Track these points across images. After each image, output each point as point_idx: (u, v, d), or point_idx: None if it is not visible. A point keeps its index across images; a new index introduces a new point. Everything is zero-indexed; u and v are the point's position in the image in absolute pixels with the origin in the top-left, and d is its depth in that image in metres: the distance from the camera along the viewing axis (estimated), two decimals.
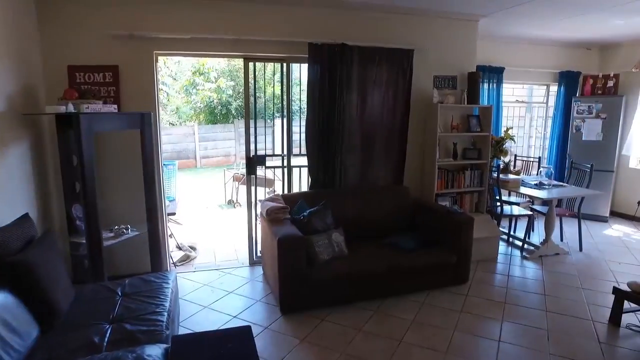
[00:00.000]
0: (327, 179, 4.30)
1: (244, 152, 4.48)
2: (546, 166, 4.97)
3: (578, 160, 6.15)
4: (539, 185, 4.78)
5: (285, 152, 4.46)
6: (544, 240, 4.74)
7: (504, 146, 5.01)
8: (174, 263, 4.54)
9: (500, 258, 4.66)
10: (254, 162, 4.41)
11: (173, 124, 15.47)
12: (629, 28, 5.25)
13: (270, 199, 4.03)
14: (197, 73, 9.43)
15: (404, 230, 4.20)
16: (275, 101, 5.16)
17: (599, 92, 6.34)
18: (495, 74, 5.90)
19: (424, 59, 4.54)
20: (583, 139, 6.34)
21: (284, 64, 4.30)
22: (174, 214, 4.48)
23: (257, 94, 4.45)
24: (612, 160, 6.23)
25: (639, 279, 4.11)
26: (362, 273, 3.51)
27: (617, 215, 6.52)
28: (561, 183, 4.97)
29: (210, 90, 11.40)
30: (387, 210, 4.23)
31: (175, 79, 11.79)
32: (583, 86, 6.49)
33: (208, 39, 3.88)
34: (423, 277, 3.74)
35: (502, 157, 5.01)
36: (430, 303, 3.59)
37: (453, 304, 3.59)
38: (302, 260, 3.31)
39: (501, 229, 5.06)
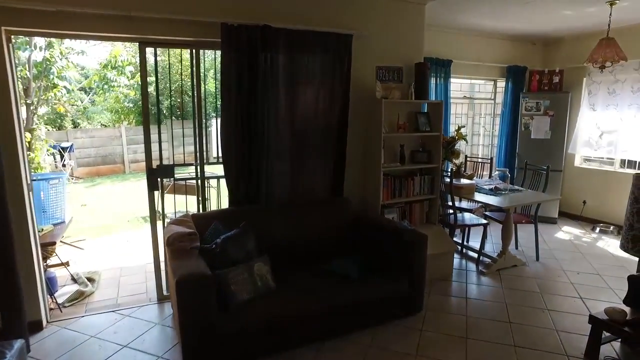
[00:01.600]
0: (250, 192, 3.50)
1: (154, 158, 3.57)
2: (502, 169, 4.49)
3: (527, 159, 5.80)
4: (495, 191, 4.29)
5: (197, 160, 3.61)
6: (500, 252, 4.25)
7: (456, 147, 4.47)
8: (59, 306, 3.54)
9: (455, 274, 4.11)
10: (159, 173, 3.52)
11: (106, 125, 13.94)
12: (576, 20, 4.91)
13: (177, 221, 3.17)
14: (109, 67, 8.22)
15: (346, 251, 3.51)
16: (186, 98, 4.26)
17: (546, 88, 6.05)
18: (443, 67, 5.39)
19: (364, 47, 3.86)
20: (532, 137, 6.01)
21: (193, 51, 3.45)
22: (53, 243, 3.48)
23: (162, 87, 3.55)
24: (561, 159, 5.95)
25: (600, 291, 3.74)
26: (293, 316, 2.75)
27: (565, 215, 6.28)
28: (518, 187, 4.52)
29: (127, 88, 10.11)
30: (324, 229, 3.51)
31: (83, 74, 10.43)
32: (530, 82, 6.18)
33: (86, 15, 2.93)
34: (370, 312, 3.05)
35: (453, 160, 4.47)
36: (379, 345, 2.91)
37: (406, 343, 2.92)
38: (210, 305, 2.49)
39: (454, 239, 4.53)
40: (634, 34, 5.19)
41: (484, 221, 4.39)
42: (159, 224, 3.59)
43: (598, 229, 5.67)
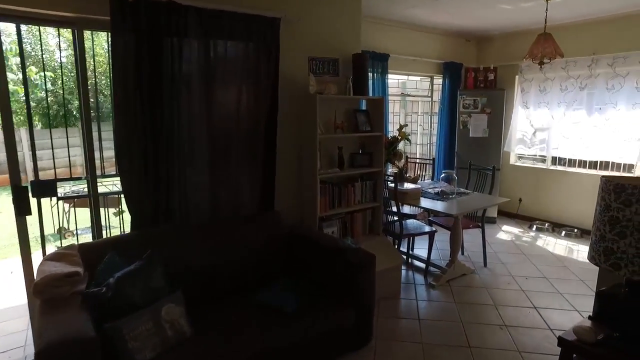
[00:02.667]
0: (159, 210, 2.81)
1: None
2: (448, 171, 4.17)
3: (465, 159, 5.63)
4: (442, 195, 3.96)
5: (87, 173, 2.84)
6: (449, 261, 3.93)
7: (398, 148, 4.08)
8: None
9: (403, 289, 3.71)
10: (37, 190, 2.71)
11: None
12: (511, 15, 4.77)
13: (56, 256, 2.40)
14: None
15: (280, 276, 2.94)
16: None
17: (481, 85, 5.92)
18: (380, 61, 5.00)
19: (295, 34, 3.32)
20: (470, 135, 5.86)
21: (75, 32, 2.68)
22: None
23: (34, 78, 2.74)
24: (499, 158, 5.85)
25: (551, 298, 3.43)
26: None
27: (503, 214, 6.22)
28: (464, 190, 4.23)
29: (15, 83, 8.57)
30: (253, 250, 2.91)
31: None
32: (466, 79, 6.03)
33: None
34: (312, 351, 2.52)
35: (396, 162, 4.09)
36: None
37: None
38: None
39: (397, 247, 4.15)
40: (557, 33, 5.17)
41: (431, 228, 4.04)
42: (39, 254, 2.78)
43: (535, 227, 5.64)
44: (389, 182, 3.82)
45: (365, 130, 3.64)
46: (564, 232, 5.38)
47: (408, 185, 3.99)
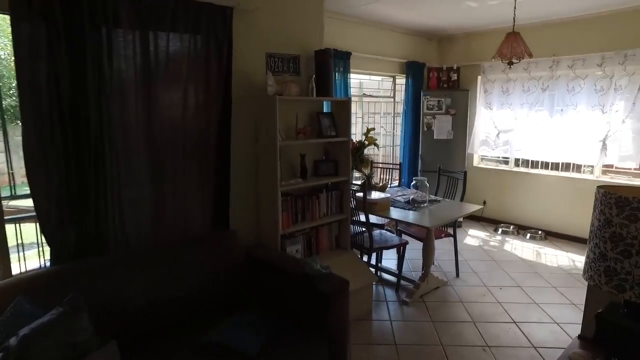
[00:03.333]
0: (85, 237, 2.31)
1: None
2: (420, 178, 3.90)
3: (430, 162, 5.46)
4: (413, 204, 3.68)
5: None
6: (422, 274, 3.66)
7: (365, 154, 3.77)
8: None
9: (374, 308, 3.40)
10: None
11: None
12: (477, 14, 4.60)
13: None
14: None
15: (239, 308, 2.52)
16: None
17: (445, 85, 5.76)
18: (342, 60, 4.68)
19: (251, 26, 2.91)
20: (434, 137, 5.67)
21: None
22: None
23: None
24: (464, 160, 5.71)
25: (529, 310, 3.19)
26: None
27: (467, 217, 6.09)
28: (435, 197, 3.98)
29: None
30: (205, 278, 2.47)
31: None
32: (429, 79, 5.84)
33: None
34: None
35: (363, 169, 3.77)
36: None
37: None
38: None
39: (364, 258, 3.84)
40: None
41: (402, 240, 3.76)
42: None
43: (500, 230, 5.54)
44: (358, 193, 3.49)
45: (330, 135, 3.28)
46: (528, 235, 5.31)
47: (377, 195, 3.68)
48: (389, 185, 4.46)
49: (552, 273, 4.18)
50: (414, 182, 3.79)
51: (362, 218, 3.49)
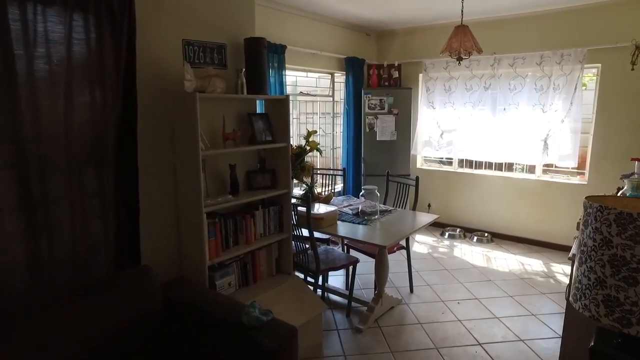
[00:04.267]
0: None
1: None
2: (369, 187, 3.47)
3: (373, 164, 5.13)
4: (362, 216, 3.25)
5: None
6: (375, 295, 3.24)
7: (306, 161, 3.28)
8: None
9: (326, 341, 2.92)
10: None
11: None
12: (422, 4, 4.30)
13: None
14: None
15: None
16: None
17: (386, 83, 5.45)
18: (276, 54, 4.15)
19: (161, 6, 2.29)
20: (377, 138, 5.33)
21: None
22: None
23: None
24: (408, 163, 5.43)
25: (491, 326, 2.93)
26: None
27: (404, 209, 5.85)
28: (385, 206, 3.58)
29: None
30: (107, 341, 1.82)
31: None
32: (369, 77, 5.50)
33: None
34: None
35: (304, 179, 3.28)
36: None
37: None
38: None
39: (311, 280, 3.35)
40: None
41: (352, 257, 3.31)
42: None
43: (447, 234, 5.33)
44: (298, 206, 2.99)
45: (265, 140, 2.75)
46: (475, 238, 5.15)
47: (322, 208, 3.20)
48: (333, 195, 4.01)
49: (505, 280, 3.98)
50: (362, 191, 3.36)
51: (307, 233, 3.00)
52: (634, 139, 4.26)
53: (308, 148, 3.14)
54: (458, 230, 5.37)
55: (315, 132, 3.29)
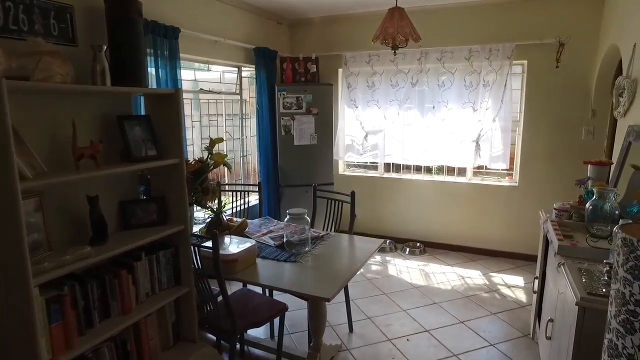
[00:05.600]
0: None
1: None
2: (297, 212, 2.66)
3: (290, 172, 4.41)
4: (289, 249, 2.46)
5: None
6: (311, 348, 2.49)
7: (209, 180, 2.40)
8: None
9: None
10: None
11: None
12: None
13: None
14: None
15: None
16: None
17: (303, 79, 4.73)
18: (166, 38, 3.19)
19: None
20: (295, 143, 4.59)
21: None
22: None
23: None
24: (331, 169, 4.78)
25: None
26: None
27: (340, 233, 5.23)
28: (316, 230, 2.81)
29: None
30: None
31: None
32: (283, 71, 4.74)
33: None
34: None
35: (209, 204, 2.40)
36: None
37: None
38: None
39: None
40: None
41: (279, 304, 2.51)
42: None
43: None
44: (200, 245, 2.11)
45: (146, 155, 1.84)
46: (407, 250, 4.68)
47: (234, 244, 2.35)
48: (244, 213, 3.18)
49: (450, 300, 3.52)
50: (289, 216, 2.56)
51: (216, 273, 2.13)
52: (561, 138, 4.10)
53: (212, 162, 2.27)
54: (388, 242, 4.86)
55: (221, 140, 2.43)
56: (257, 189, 3.42)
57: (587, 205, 2.40)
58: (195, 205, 2.37)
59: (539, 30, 3.98)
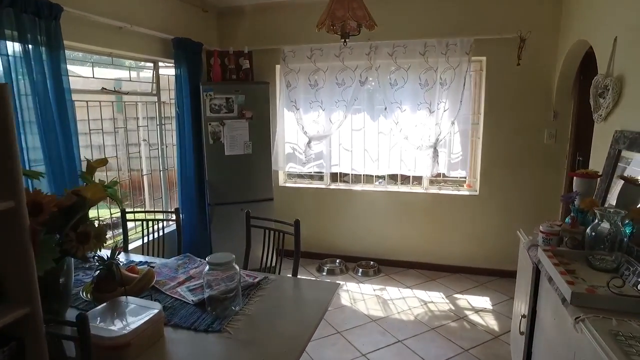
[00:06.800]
0: None
1: None
2: (219, 258, 1.91)
3: (220, 188, 3.71)
4: (211, 307, 1.74)
5: None
6: None
7: (93, 222, 1.64)
8: None
9: None
10: None
11: None
12: None
13: None
14: None
15: None
16: None
17: (234, 76, 4.01)
18: (41, 19, 2.35)
19: None
20: (227, 153, 3.86)
21: None
22: None
23: None
24: (270, 182, 4.10)
25: None
26: None
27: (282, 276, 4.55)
28: (252, 275, 2.11)
29: None
30: None
31: None
32: (210, 67, 3.99)
33: None
34: None
35: (91, 252, 1.63)
36: None
37: None
38: None
39: None
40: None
41: None
42: None
43: (325, 268, 4.20)
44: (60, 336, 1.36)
45: None
46: (360, 271, 4.13)
47: (131, 314, 1.60)
48: (163, 259, 2.43)
49: (416, 336, 3.00)
50: (207, 267, 1.80)
51: None
52: (523, 142, 3.75)
53: (89, 198, 1.51)
54: (338, 261, 4.29)
55: (105, 162, 1.65)
56: (174, 217, 2.65)
57: (588, 230, 1.95)
58: (76, 256, 1.59)
59: (498, 24, 3.60)
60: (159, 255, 2.60)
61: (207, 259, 1.74)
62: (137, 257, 2.38)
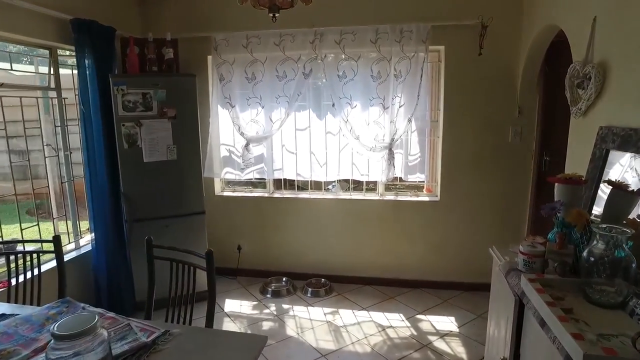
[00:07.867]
0: None
1: None
2: (65, 333, 1.31)
3: (139, 201, 3.08)
4: None
5: None
6: None
7: None
8: None
9: None
10: None
11: None
12: None
13: None
14: None
15: None
16: None
17: (154, 67, 3.37)
18: None
19: None
20: (146, 159, 3.21)
21: None
22: None
23: None
24: (202, 192, 3.48)
25: None
26: None
27: (218, 272, 3.94)
28: (155, 328, 1.50)
29: None
30: None
31: None
32: (125, 57, 3.32)
33: None
34: None
35: None
36: None
37: None
38: None
39: None
40: None
41: None
42: None
43: (270, 289, 3.64)
44: None
45: None
46: (310, 291, 3.61)
47: None
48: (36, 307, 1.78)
49: None
50: (52, 341, 1.18)
51: None
52: (486, 141, 3.38)
53: None
54: (284, 280, 3.76)
55: None
56: (53, 247, 1.99)
57: (585, 254, 1.53)
58: None
59: (458, 9, 3.20)
60: (32, 302, 1.93)
61: (52, 327, 1.13)
62: None
